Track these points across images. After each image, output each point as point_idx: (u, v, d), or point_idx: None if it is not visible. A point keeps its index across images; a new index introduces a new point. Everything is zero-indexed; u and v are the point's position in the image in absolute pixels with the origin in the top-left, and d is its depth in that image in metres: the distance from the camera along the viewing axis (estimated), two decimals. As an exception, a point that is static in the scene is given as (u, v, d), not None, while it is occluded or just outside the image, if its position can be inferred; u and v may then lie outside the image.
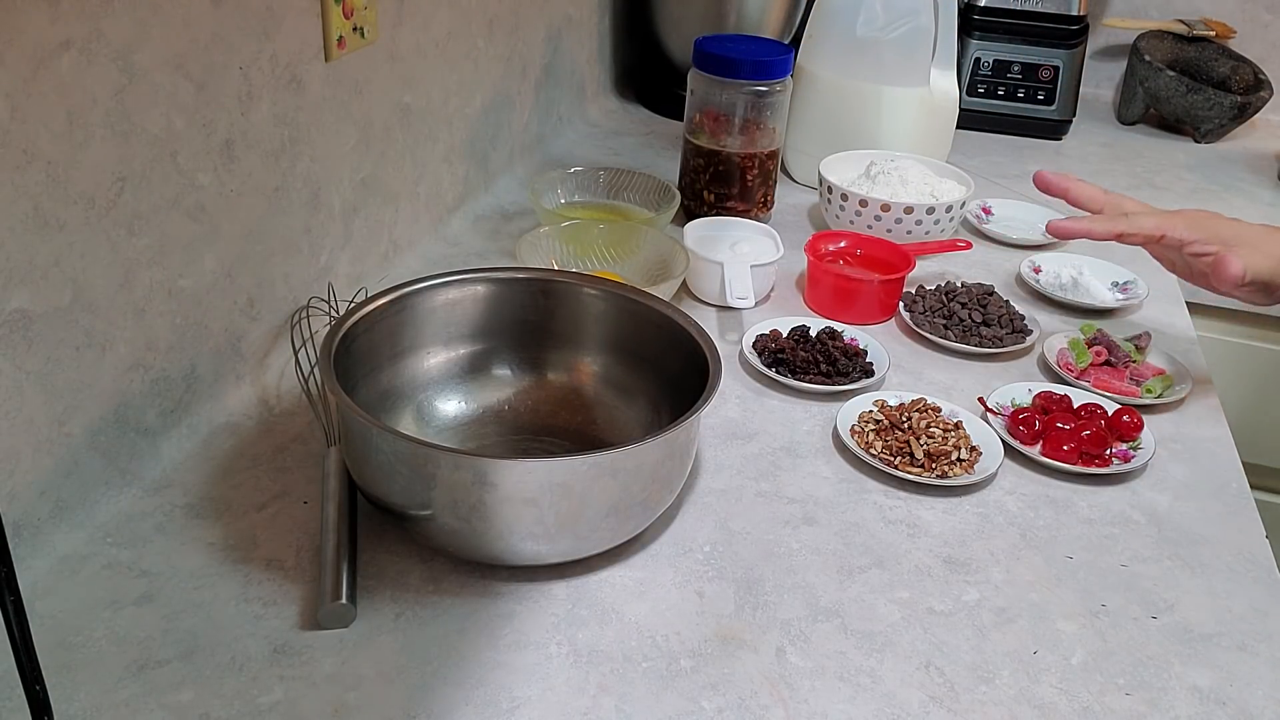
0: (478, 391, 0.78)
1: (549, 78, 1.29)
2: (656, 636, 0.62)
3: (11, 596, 0.37)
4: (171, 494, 0.70)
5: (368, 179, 0.93)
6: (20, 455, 0.61)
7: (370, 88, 0.90)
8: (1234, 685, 0.61)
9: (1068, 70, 1.49)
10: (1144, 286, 1.05)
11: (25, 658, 0.39)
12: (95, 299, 0.64)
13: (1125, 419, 0.82)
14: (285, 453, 0.74)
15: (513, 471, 0.60)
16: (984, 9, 1.50)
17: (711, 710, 0.57)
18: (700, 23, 1.40)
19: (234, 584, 0.63)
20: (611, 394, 0.78)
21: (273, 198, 0.80)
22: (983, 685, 0.60)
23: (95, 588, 0.62)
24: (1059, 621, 0.65)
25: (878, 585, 0.67)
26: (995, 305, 0.96)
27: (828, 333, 0.91)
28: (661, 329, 0.74)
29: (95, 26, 0.60)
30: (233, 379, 0.79)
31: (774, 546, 0.69)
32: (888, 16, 1.19)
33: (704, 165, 1.12)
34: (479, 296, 0.77)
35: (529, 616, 0.62)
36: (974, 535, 0.72)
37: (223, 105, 0.72)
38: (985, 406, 0.84)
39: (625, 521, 0.65)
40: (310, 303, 0.86)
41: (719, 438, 0.80)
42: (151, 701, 0.55)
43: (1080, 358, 0.91)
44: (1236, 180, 1.43)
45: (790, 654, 0.61)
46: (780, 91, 1.10)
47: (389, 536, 0.67)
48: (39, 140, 0.58)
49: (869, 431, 0.79)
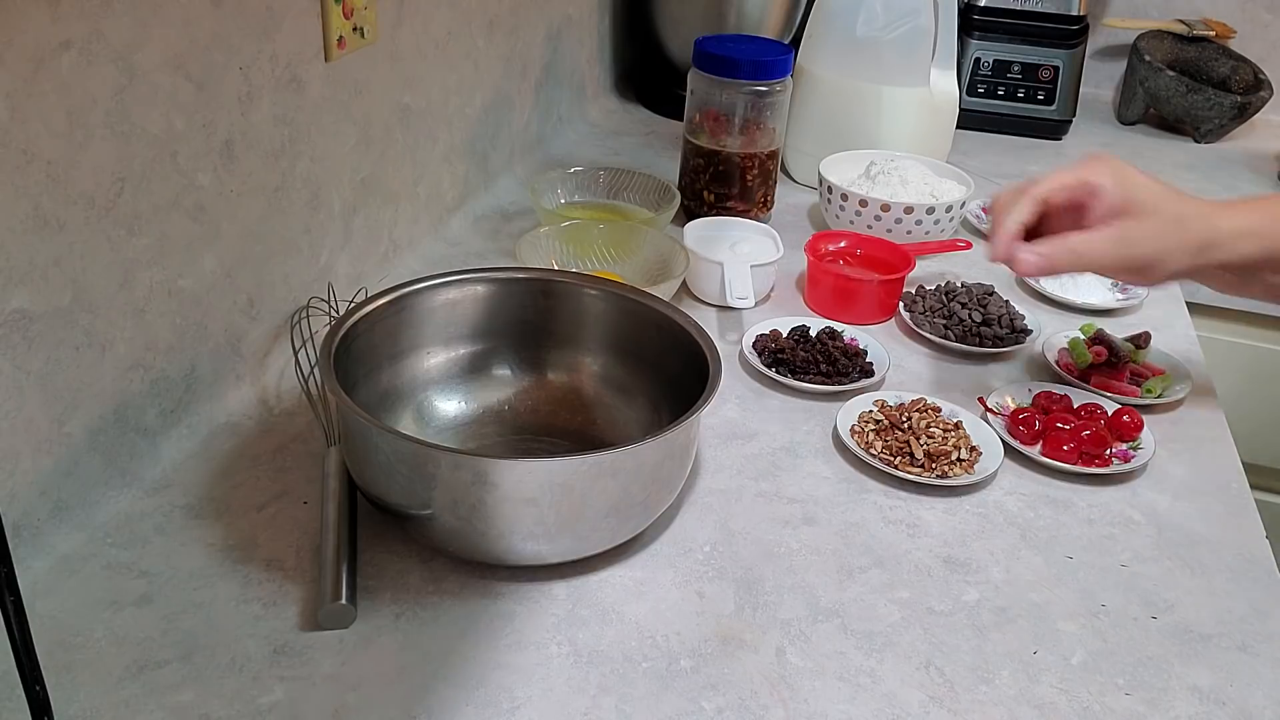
0: (478, 391, 0.78)
1: (549, 78, 1.29)
2: (657, 636, 0.62)
3: (11, 597, 0.37)
4: (171, 494, 0.70)
5: (368, 179, 0.93)
6: (20, 455, 0.61)
7: (370, 88, 0.90)
8: (1234, 685, 0.61)
9: (1068, 70, 1.49)
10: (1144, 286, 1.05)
11: (25, 658, 0.39)
12: (95, 299, 0.64)
13: (1125, 419, 0.82)
14: (285, 453, 0.74)
15: (513, 471, 0.60)
16: (984, 9, 1.50)
17: (711, 710, 0.57)
18: (700, 23, 1.40)
19: (234, 584, 0.63)
20: (611, 394, 0.78)
21: (273, 198, 0.80)
22: (983, 685, 0.60)
23: (95, 588, 0.62)
24: (1059, 621, 0.65)
25: (878, 585, 0.67)
26: (995, 305, 0.96)
27: (828, 333, 0.91)
28: (661, 329, 0.74)
29: (95, 27, 0.60)
30: (233, 379, 0.79)
31: (774, 546, 0.69)
32: (888, 16, 1.19)
33: (704, 165, 1.12)
34: (479, 296, 0.77)
35: (529, 617, 0.62)
36: (974, 535, 0.72)
37: (223, 105, 0.72)
38: (985, 406, 0.84)
39: (625, 521, 0.65)
40: (310, 303, 0.86)
41: (719, 438, 0.80)
42: (151, 702, 0.55)
43: (1080, 358, 0.91)
44: (1236, 180, 1.43)
45: (790, 654, 0.61)
46: (780, 91, 1.10)
47: (389, 536, 0.67)
48: (39, 140, 0.58)
49: (869, 431, 0.79)
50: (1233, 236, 0.74)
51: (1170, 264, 0.74)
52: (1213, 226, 0.74)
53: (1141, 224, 0.73)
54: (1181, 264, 0.74)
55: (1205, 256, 0.74)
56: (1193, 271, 0.76)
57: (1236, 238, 0.74)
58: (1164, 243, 0.74)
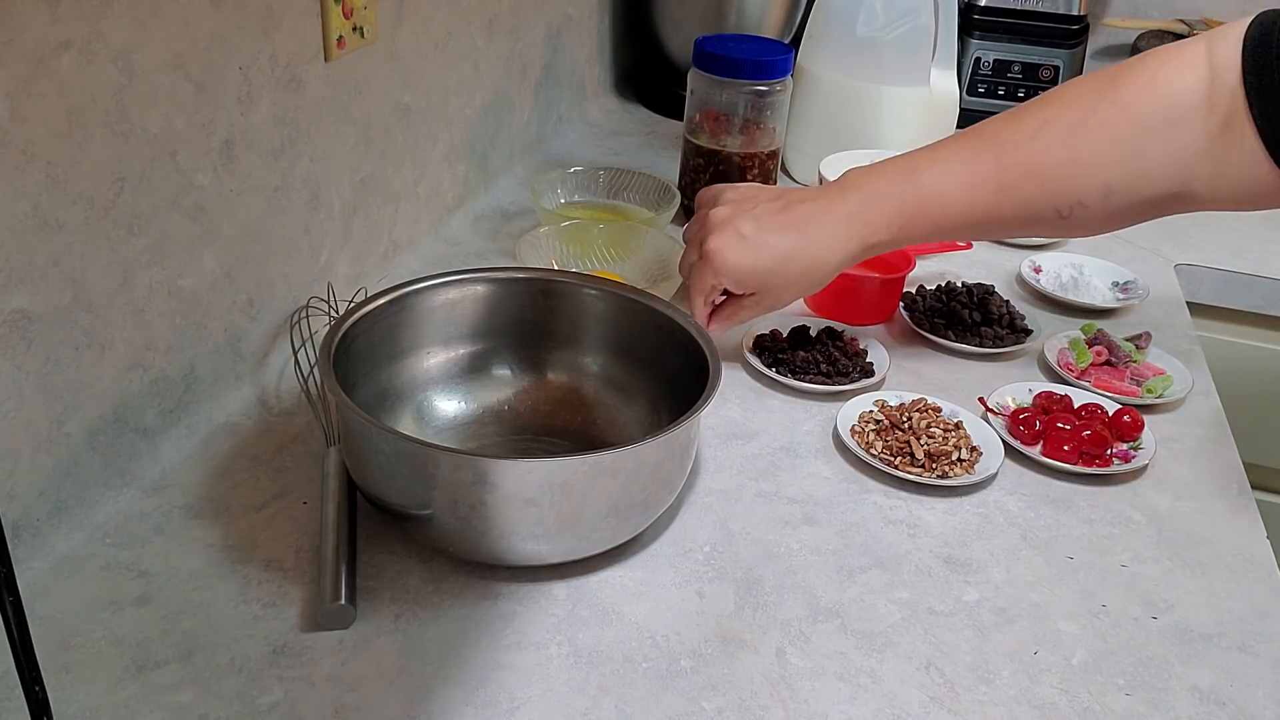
0: (478, 391, 0.78)
1: (549, 78, 1.29)
2: (657, 637, 0.62)
3: (11, 597, 0.37)
4: (170, 494, 0.70)
5: (367, 179, 0.93)
6: (19, 455, 0.61)
7: (370, 88, 0.90)
8: (1234, 686, 0.61)
9: (1068, 70, 1.49)
10: (1144, 286, 1.05)
11: (24, 658, 0.39)
12: (94, 299, 0.64)
13: (1126, 419, 0.81)
14: (284, 453, 0.74)
15: (513, 471, 0.60)
16: (984, 9, 1.50)
17: (712, 711, 0.57)
18: (700, 23, 1.40)
19: (233, 585, 0.63)
20: (611, 394, 0.78)
21: (272, 198, 0.80)
22: (983, 685, 0.60)
23: (94, 588, 0.62)
24: (1059, 622, 0.65)
25: (878, 585, 0.67)
26: (995, 305, 0.96)
27: (828, 333, 0.91)
28: (661, 329, 0.74)
29: (95, 26, 0.60)
30: (232, 379, 0.79)
31: (774, 547, 0.69)
32: (888, 16, 1.19)
33: (704, 165, 1.12)
34: (479, 296, 0.77)
35: (529, 617, 0.62)
36: (974, 535, 0.72)
37: (222, 105, 0.72)
38: (986, 406, 0.84)
39: (625, 521, 0.64)
40: (310, 303, 0.86)
41: (719, 438, 0.80)
42: (151, 702, 0.55)
43: (1081, 358, 0.91)
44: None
45: (790, 654, 0.61)
46: (780, 91, 1.10)
47: (389, 536, 0.67)
48: (38, 140, 0.58)
49: (869, 431, 0.79)
50: (863, 248, 0.79)
51: (822, 283, 0.81)
52: (838, 249, 0.78)
53: (773, 293, 0.81)
54: (831, 275, 0.80)
55: (857, 260, 0.80)
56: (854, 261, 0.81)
57: (869, 247, 0.79)
58: (803, 288, 0.81)
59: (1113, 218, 0.74)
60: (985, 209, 0.75)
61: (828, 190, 0.79)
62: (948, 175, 0.76)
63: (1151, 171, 0.71)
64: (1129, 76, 0.72)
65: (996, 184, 0.74)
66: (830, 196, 0.79)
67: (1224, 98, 0.68)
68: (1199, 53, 0.70)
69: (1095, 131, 0.72)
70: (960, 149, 0.76)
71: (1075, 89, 0.74)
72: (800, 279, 0.80)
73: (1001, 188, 0.74)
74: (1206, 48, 0.69)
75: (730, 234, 0.78)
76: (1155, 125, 0.70)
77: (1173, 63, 0.70)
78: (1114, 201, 0.73)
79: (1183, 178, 0.70)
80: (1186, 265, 1.16)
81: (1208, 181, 0.70)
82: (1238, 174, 0.69)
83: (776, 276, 0.79)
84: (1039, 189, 0.74)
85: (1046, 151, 0.73)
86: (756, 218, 0.78)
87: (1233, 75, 0.67)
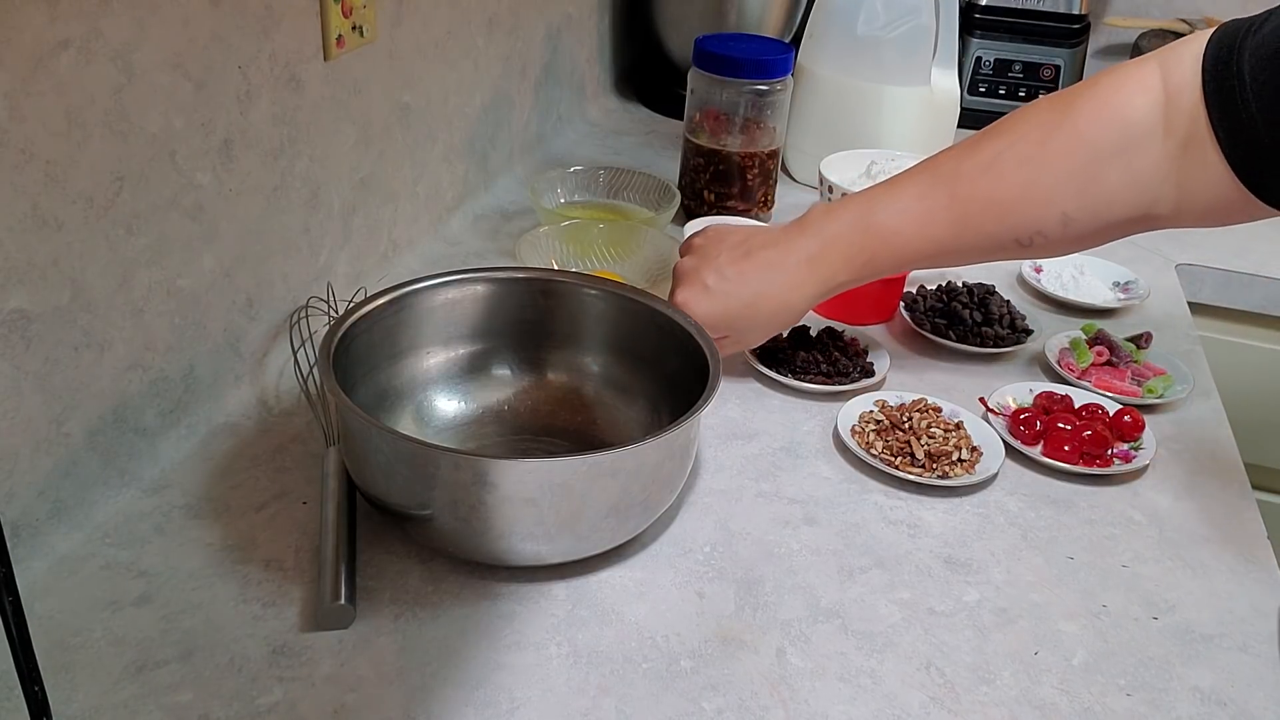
0: (478, 391, 0.78)
1: (549, 77, 1.29)
2: (656, 637, 0.62)
3: (10, 597, 0.37)
4: (170, 494, 0.69)
5: (367, 178, 0.93)
6: (19, 455, 0.61)
7: (369, 87, 0.90)
8: (1235, 686, 0.61)
9: (1069, 69, 1.49)
10: (1145, 286, 1.05)
11: (24, 658, 0.39)
12: (94, 299, 0.64)
13: (1126, 419, 0.81)
14: (284, 453, 0.74)
15: (513, 471, 0.59)
16: (985, 8, 1.50)
17: (712, 711, 0.57)
18: (700, 22, 1.40)
19: (233, 585, 0.63)
20: (611, 394, 0.78)
21: (271, 197, 0.80)
22: (983, 686, 0.60)
23: (94, 588, 0.62)
24: (1060, 622, 0.65)
25: (878, 586, 0.67)
26: (996, 305, 0.96)
27: (828, 333, 0.91)
28: (661, 329, 0.74)
29: (94, 26, 0.60)
30: (231, 379, 0.79)
31: (774, 547, 0.69)
32: (889, 15, 1.19)
33: (704, 165, 1.12)
34: (479, 296, 0.77)
35: (529, 617, 0.62)
36: (975, 536, 0.72)
37: (221, 105, 0.72)
38: (986, 406, 0.84)
39: (625, 522, 0.64)
40: (309, 302, 0.86)
41: (719, 438, 0.80)
42: (150, 702, 0.55)
43: (1081, 358, 0.90)
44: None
45: (790, 655, 0.61)
46: (780, 91, 1.10)
47: (389, 537, 0.67)
48: (37, 140, 0.58)
49: (870, 432, 0.79)
50: (826, 289, 0.79)
51: (793, 321, 0.83)
52: (802, 291, 0.79)
53: (744, 335, 0.81)
54: (800, 315, 0.81)
55: (824, 299, 0.81)
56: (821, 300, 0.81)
57: (833, 287, 0.80)
58: (774, 327, 0.82)
59: (1077, 241, 0.74)
60: (944, 243, 0.75)
61: (789, 232, 0.80)
62: (904, 213, 0.76)
63: (1110, 196, 0.71)
64: (1081, 101, 0.71)
65: (953, 217, 0.74)
66: (791, 240, 0.79)
67: (1182, 119, 0.67)
68: (1151, 74, 0.69)
69: (1050, 161, 0.71)
70: (916, 184, 0.76)
71: (1029, 116, 0.74)
72: (769, 321, 0.81)
73: (957, 221, 0.74)
74: (1159, 69, 0.69)
75: (696, 286, 0.79)
76: (1110, 151, 0.69)
77: (1125, 87, 0.70)
78: (1074, 228, 0.73)
79: (1145, 201, 0.70)
80: (1187, 265, 1.16)
81: (1172, 203, 0.69)
82: (1202, 193, 0.68)
83: (744, 320, 0.79)
84: (997, 222, 0.74)
85: (1001, 183, 0.73)
86: (719, 268, 0.79)
87: (1189, 96, 0.67)
